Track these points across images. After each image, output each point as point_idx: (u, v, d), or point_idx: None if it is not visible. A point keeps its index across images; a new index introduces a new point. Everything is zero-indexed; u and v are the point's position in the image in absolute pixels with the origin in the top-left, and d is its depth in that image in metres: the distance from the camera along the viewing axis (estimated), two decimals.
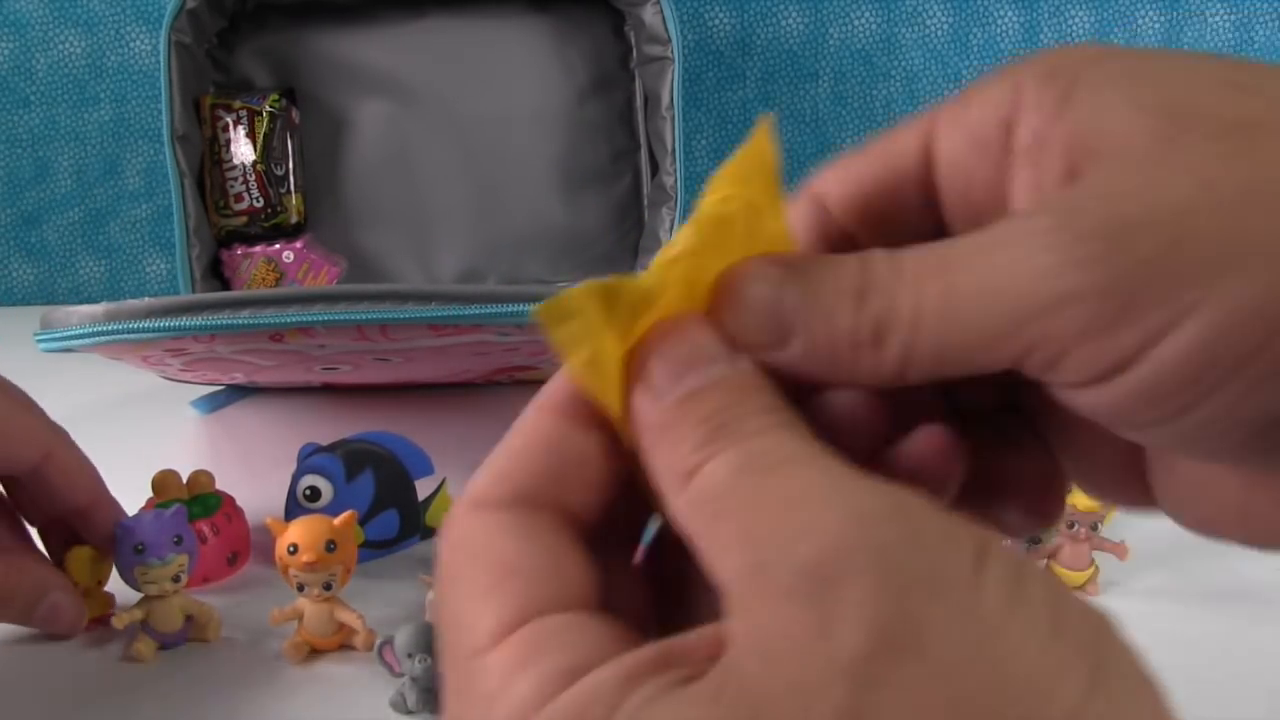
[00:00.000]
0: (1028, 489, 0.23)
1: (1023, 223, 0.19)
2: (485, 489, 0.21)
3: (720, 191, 0.21)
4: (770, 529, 0.17)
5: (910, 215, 0.22)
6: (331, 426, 0.73)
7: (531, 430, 0.21)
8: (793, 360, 0.20)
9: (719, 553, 0.18)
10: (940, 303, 0.19)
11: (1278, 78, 0.19)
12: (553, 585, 0.19)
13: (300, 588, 0.50)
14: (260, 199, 0.93)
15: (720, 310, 0.21)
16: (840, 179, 0.23)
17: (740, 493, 0.18)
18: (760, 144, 0.21)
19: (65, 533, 0.54)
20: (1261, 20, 1.08)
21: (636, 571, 0.23)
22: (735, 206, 0.21)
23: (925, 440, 0.21)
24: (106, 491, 0.54)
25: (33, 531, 0.55)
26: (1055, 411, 0.21)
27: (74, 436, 0.78)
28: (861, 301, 0.19)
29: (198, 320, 0.57)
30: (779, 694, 0.16)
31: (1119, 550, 0.55)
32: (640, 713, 0.17)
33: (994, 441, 0.23)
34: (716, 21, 1.08)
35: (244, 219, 0.93)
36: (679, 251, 0.21)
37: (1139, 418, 0.19)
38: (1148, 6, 1.08)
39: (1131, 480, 0.23)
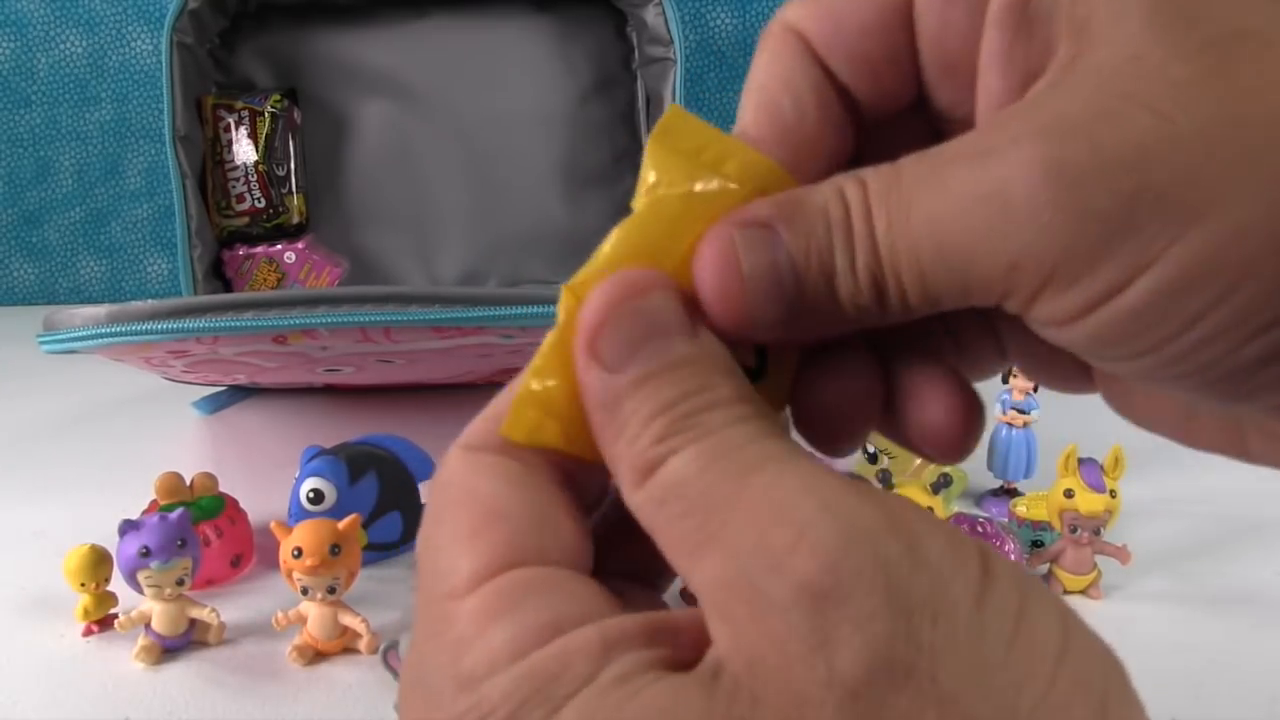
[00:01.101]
0: (942, 422, 0.22)
1: (980, 159, 0.18)
2: (480, 431, 0.20)
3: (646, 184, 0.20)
4: (756, 538, 0.16)
5: (895, 59, 0.21)
6: (334, 428, 0.73)
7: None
8: (798, 328, 0.19)
9: (688, 554, 0.17)
10: (913, 264, 0.18)
11: None
12: (538, 536, 0.19)
13: (304, 591, 0.50)
14: (262, 199, 0.93)
15: (711, 283, 0.19)
16: (818, 15, 0.21)
17: (712, 494, 0.17)
18: (669, 121, 0.20)
19: None
20: None
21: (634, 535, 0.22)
22: (663, 192, 0.20)
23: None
24: None
25: None
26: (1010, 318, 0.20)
27: (75, 437, 0.78)
28: (854, 251, 0.19)
29: (201, 322, 0.57)
30: (771, 704, 0.16)
31: (1121, 554, 0.55)
32: (618, 688, 0.16)
33: (916, 366, 0.22)
34: (718, 22, 1.08)
35: (245, 219, 0.93)
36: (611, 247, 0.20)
37: (1104, 353, 0.18)
38: None
39: (1079, 377, 0.23)
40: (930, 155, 0.19)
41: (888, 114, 0.22)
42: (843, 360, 0.21)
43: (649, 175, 0.20)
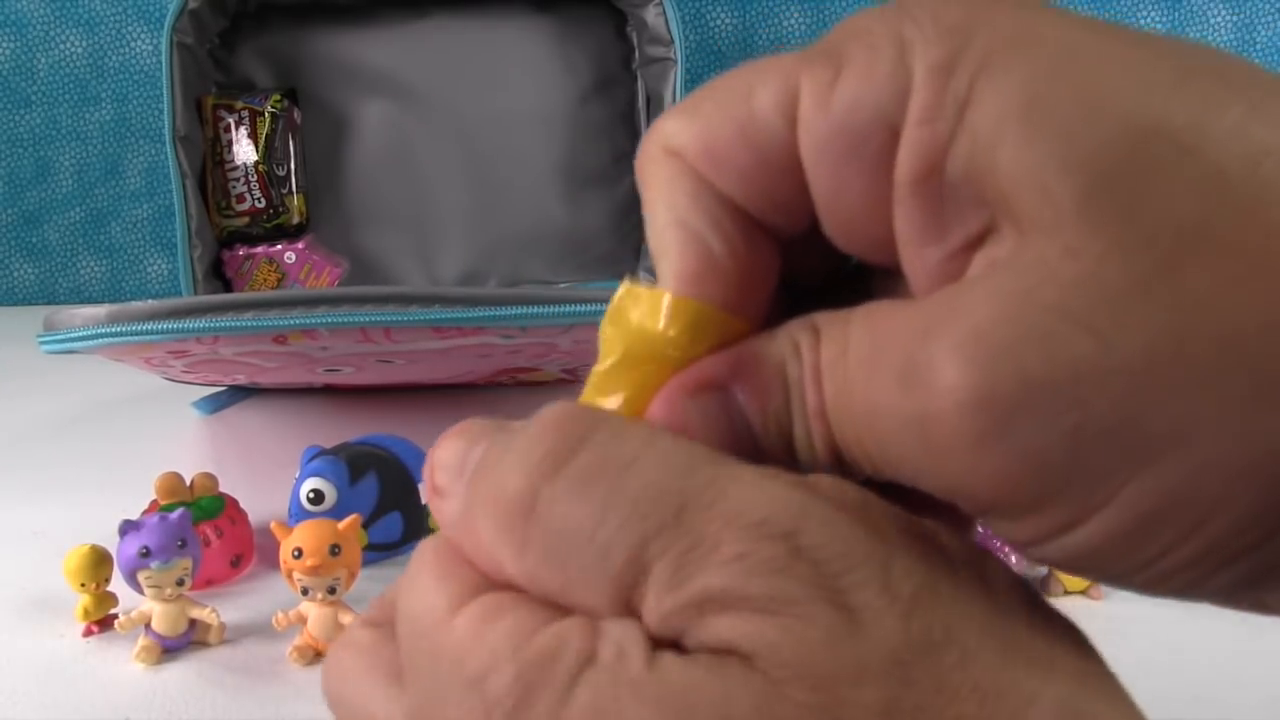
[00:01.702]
0: None
1: (917, 378, 0.16)
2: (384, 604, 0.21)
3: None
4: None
5: (793, 201, 0.18)
6: (334, 428, 0.73)
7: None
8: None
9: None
10: (875, 448, 0.17)
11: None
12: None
13: (304, 591, 0.50)
14: (262, 199, 0.93)
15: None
16: (694, 151, 0.19)
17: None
18: (618, 300, 0.19)
19: None
20: (1263, 21, 1.08)
21: None
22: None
23: None
24: None
25: None
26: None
27: (75, 437, 0.78)
28: (809, 420, 0.17)
29: (201, 322, 0.57)
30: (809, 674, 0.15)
31: None
32: (619, 670, 0.16)
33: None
34: (718, 22, 1.08)
35: (246, 219, 0.93)
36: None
37: (1069, 569, 0.17)
38: (1149, 7, 1.08)
39: None
40: (868, 324, 0.17)
41: (802, 231, 0.19)
42: None
43: (602, 358, 0.20)
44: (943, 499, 0.17)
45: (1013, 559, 0.52)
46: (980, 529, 0.19)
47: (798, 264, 0.20)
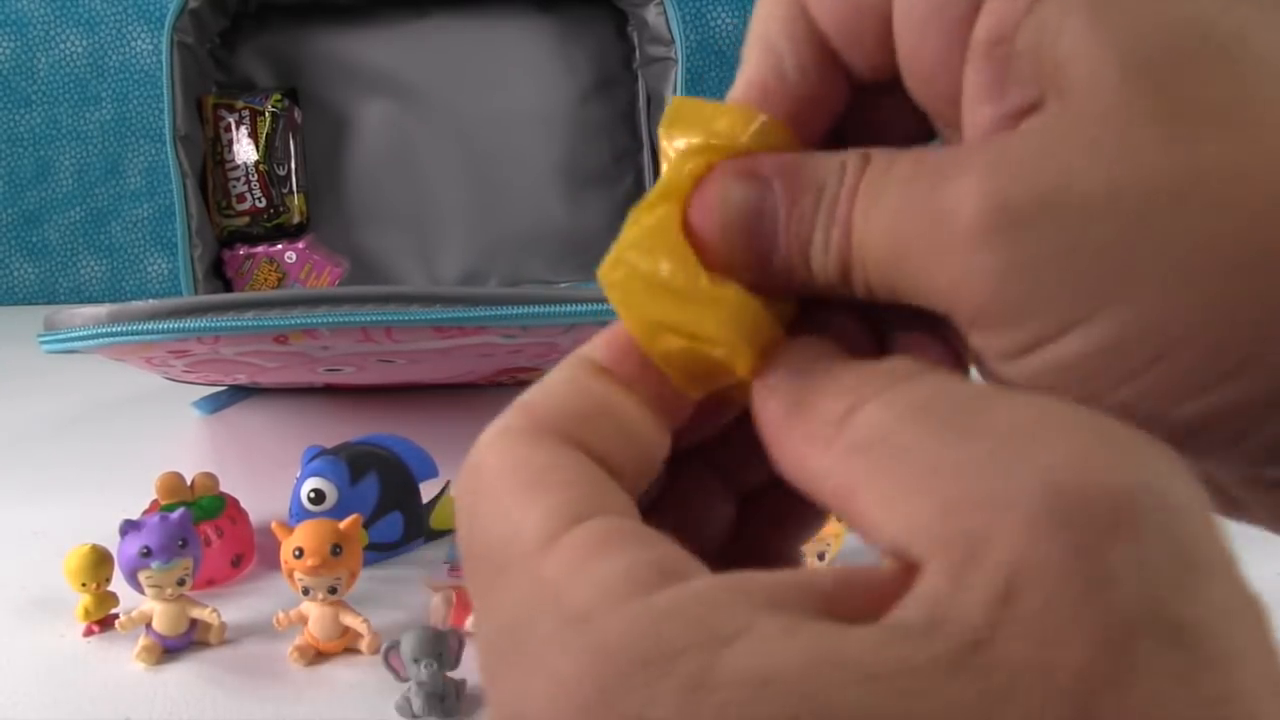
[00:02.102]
0: None
1: (949, 183, 0.17)
2: (509, 419, 0.19)
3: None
4: (1010, 457, 0.14)
5: (874, 42, 0.20)
6: (334, 428, 0.73)
7: (564, 377, 0.20)
8: (768, 281, 0.19)
9: (911, 488, 0.15)
10: (888, 253, 0.18)
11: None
12: (600, 496, 0.17)
13: (305, 591, 0.50)
14: (262, 199, 0.93)
15: (695, 216, 0.20)
16: None
17: (926, 429, 0.16)
18: (675, 110, 0.20)
19: None
20: None
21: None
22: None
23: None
24: None
25: None
26: None
27: (75, 437, 0.78)
28: (831, 229, 0.19)
29: (202, 322, 0.57)
30: (1019, 646, 0.13)
31: None
32: (791, 640, 0.14)
33: (906, 328, 0.21)
34: (719, 22, 1.08)
35: (246, 219, 0.93)
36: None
37: (1046, 387, 0.18)
38: None
39: None
40: (915, 156, 0.19)
41: (877, 84, 0.21)
42: (832, 319, 0.21)
43: (664, 156, 0.21)
44: (933, 310, 0.18)
45: None
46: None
47: (868, 131, 0.21)
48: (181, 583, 0.50)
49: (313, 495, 0.57)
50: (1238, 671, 0.14)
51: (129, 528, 0.51)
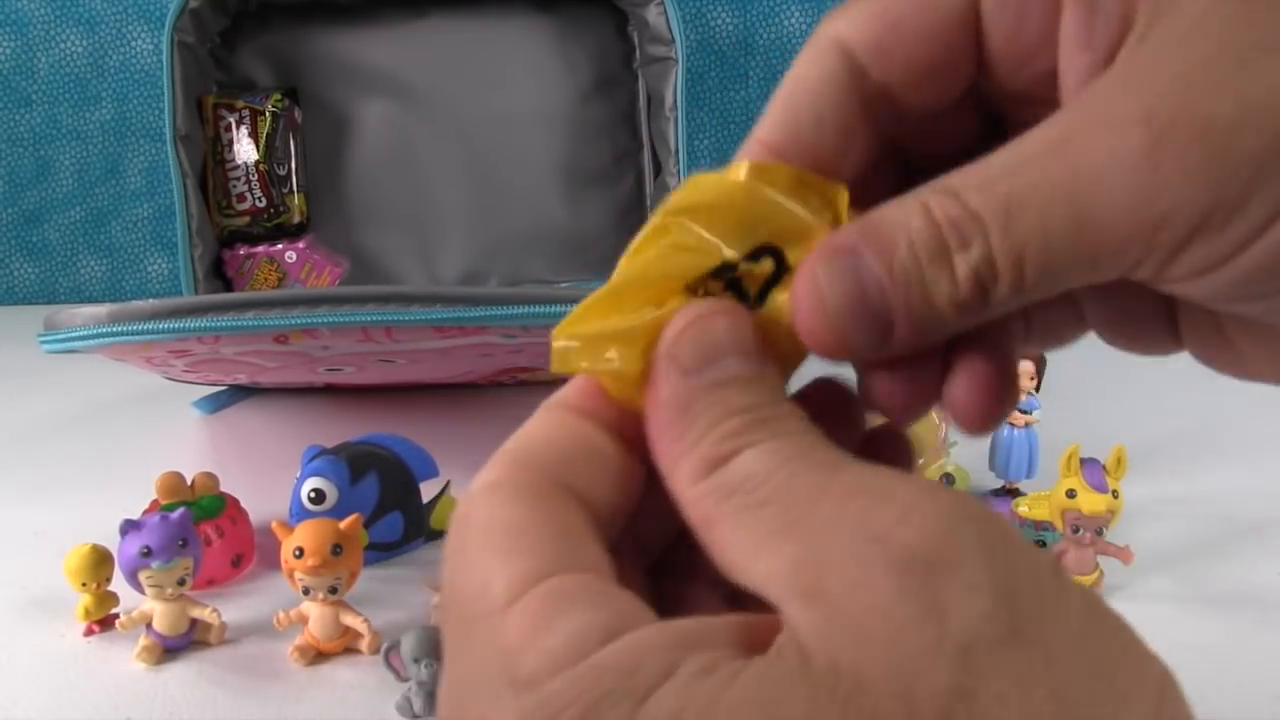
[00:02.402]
0: (976, 397, 0.22)
1: (1105, 125, 0.18)
2: (494, 472, 0.20)
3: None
4: (857, 516, 0.17)
5: (954, 61, 0.21)
6: (335, 428, 0.73)
7: (543, 422, 0.21)
8: (894, 347, 0.20)
9: (760, 542, 0.17)
10: (1040, 242, 0.18)
11: None
12: (567, 550, 0.18)
13: (306, 591, 0.50)
14: (262, 199, 0.93)
15: (801, 320, 0.20)
16: (869, 20, 0.21)
17: (796, 483, 0.17)
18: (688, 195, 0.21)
19: None
20: None
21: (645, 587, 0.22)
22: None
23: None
24: None
25: None
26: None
27: (75, 437, 0.78)
28: (950, 258, 0.19)
29: (202, 322, 0.57)
30: (879, 673, 0.15)
31: (1124, 555, 0.55)
32: (704, 678, 0.16)
33: (964, 342, 0.22)
34: (719, 22, 1.08)
35: (246, 219, 0.93)
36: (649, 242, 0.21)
37: (1240, 294, 0.19)
38: None
39: (1166, 338, 0.23)
40: (1035, 139, 0.19)
41: (926, 116, 0.22)
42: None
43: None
44: (1116, 269, 0.19)
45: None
46: None
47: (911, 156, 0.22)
48: (182, 582, 0.50)
49: (313, 495, 0.57)
50: (1064, 660, 0.16)
51: (129, 527, 0.51)
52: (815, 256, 0.20)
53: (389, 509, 0.59)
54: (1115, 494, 0.54)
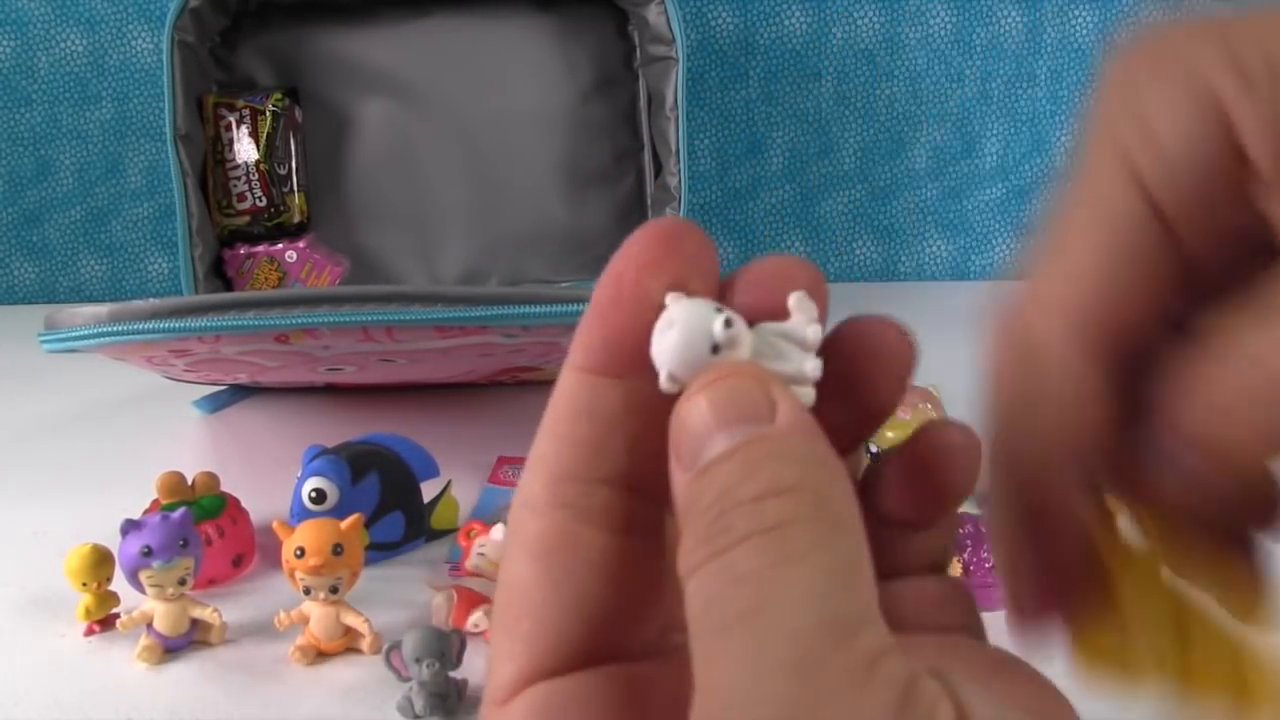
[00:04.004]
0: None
1: None
2: (523, 493, 0.19)
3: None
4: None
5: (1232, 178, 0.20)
6: (335, 427, 0.73)
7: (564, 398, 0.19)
8: None
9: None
10: None
11: None
12: (563, 634, 0.19)
13: (307, 591, 0.50)
14: (263, 198, 0.93)
15: None
16: (1143, 146, 0.20)
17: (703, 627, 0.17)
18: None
19: None
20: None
21: None
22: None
23: None
24: None
25: None
26: None
27: (76, 437, 0.78)
28: None
29: (203, 321, 0.57)
30: None
31: None
32: None
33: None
34: (719, 21, 1.08)
35: (246, 218, 0.93)
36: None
37: None
38: (1153, 7, 1.07)
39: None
40: None
41: (1217, 258, 0.21)
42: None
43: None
44: None
45: None
46: None
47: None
48: (182, 582, 0.50)
49: (314, 495, 0.57)
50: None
51: (130, 527, 0.51)
52: None
53: (390, 509, 0.59)
54: None
